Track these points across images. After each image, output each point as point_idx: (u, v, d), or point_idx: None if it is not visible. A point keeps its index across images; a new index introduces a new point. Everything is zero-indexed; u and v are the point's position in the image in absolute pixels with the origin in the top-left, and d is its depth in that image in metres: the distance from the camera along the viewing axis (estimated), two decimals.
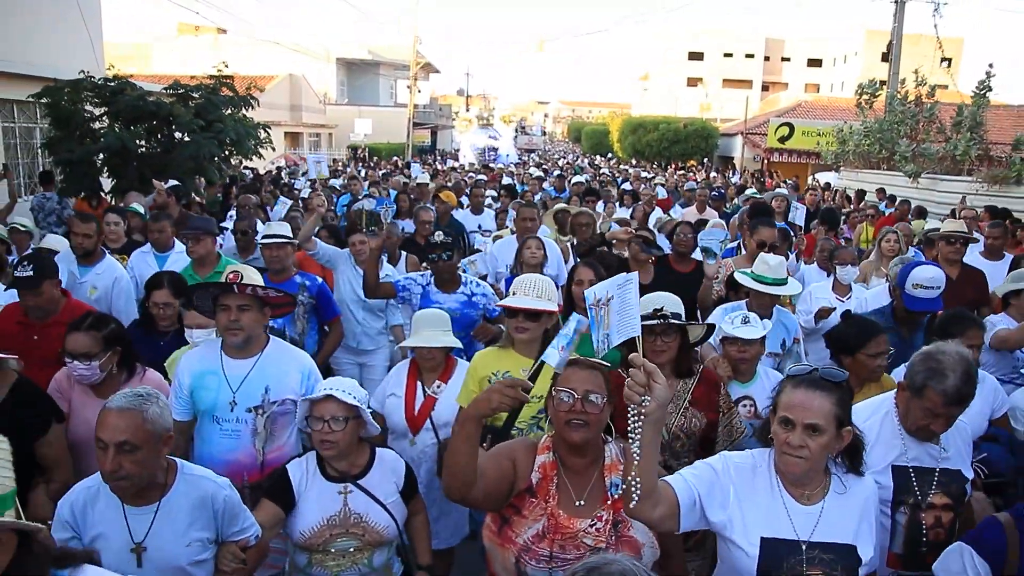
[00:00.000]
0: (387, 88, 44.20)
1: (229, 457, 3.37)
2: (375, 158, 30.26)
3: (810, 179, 23.12)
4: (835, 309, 5.01)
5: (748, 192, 12.79)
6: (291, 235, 5.21)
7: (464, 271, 5.12)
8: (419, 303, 4.68)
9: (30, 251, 5.72)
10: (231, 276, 3.43)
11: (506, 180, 15.05)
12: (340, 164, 25.25)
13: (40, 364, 3.66)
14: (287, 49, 34.25)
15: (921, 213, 11.63)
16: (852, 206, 13.88)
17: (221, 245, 6.30)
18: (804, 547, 2.21)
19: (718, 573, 2.42)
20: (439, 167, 24.00)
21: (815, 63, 58.90)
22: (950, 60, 58.80)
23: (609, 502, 2.39)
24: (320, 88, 37.36)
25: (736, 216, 8.67)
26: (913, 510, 2.71)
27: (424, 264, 5.48)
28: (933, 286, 4.25)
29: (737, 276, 4.55)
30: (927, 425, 2.67)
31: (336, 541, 2.83)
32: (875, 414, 2.79)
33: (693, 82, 59.61)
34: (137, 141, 10.15)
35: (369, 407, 3.02)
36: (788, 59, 60.21)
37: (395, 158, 30.26)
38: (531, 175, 17.12)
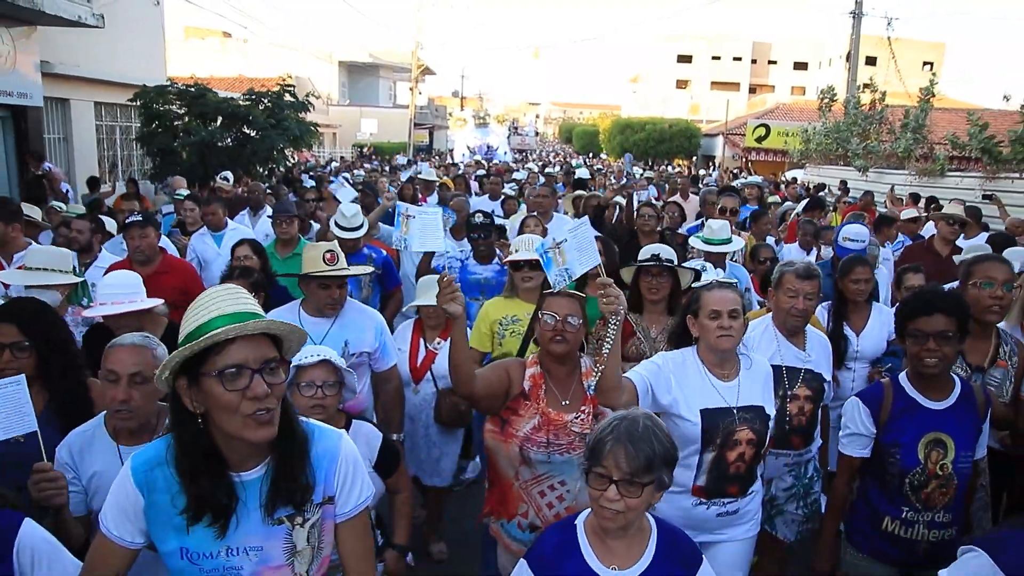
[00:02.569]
0: (386, 90, 46.68)
1: None
2: (386, 156, 32.78)
3: (782, 176, 25.90)
4: None
5: (739, 181, 15.33)
6: (362, 224, 5.68)
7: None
8: (459, 275, 5.24)
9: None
10: (329, 256, 3.72)
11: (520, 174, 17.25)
12: (347, 162, 27.85)
13: None
14: (292, 52, 36.77)
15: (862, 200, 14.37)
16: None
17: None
18: (735, 411, 2.86)
19: None
20: (447, 163, 26.37)
21: (801, 66, 60.12)
22: (932, 63, 61.49)
23: (587, 400, 2.90)
24: (323, 90, 39.80)
25: (700, 195, 9.65)
26: (782, 400, 3.27)
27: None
28: (858, 239, 5.35)
29: (691, 241, 5.41)
30: (790, 308, 3.41)
31: None
32: (759, 326, 3.56)
33: (682, 84, 61.00)
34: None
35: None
36: (775, 62, 61.62)
37: (396, 156, 32.85)
38: (531, 169, 19.78)
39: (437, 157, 36.06)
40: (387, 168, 21.51)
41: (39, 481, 2.24)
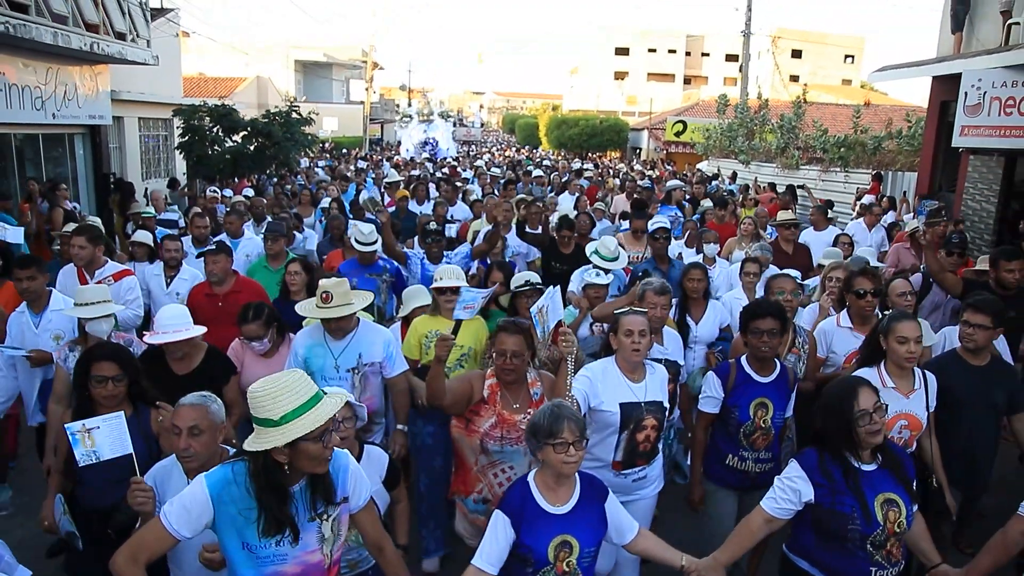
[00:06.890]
0: (340, 87, 50.62)
1: None
2: (344, 150, 36.82)
3: (695, 167, 31.08)
4: None
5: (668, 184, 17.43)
6: (377, 240, 6.46)
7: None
8: (419, 271, 6.68)
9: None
10: (324, 297, 4.36)
11: (467, 173, 20.03)
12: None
13: (227, 323, 4.93)
14: (250, 52, 40.60)
15: (745, 189, 19.34)
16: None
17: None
18: (643, 405, 3.76)
19: (591, 431, 3.66)
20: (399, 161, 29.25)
21: (732, 58, 62.10)
22: (853, 56, 66.89)
23: (533, 404, 3.79)
24: (282, 88, 43.45)
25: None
26: None
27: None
28: (664, 224, 6.62)
29: (588, 253, 6.18)
30: (651, 316, 4.13)
31: None
32: None
33: (620, 76, 65.02)
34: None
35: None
36: (708, 54, 66.24)
37: (353, 151, 36.88)
38: (479, 167, 23.23)
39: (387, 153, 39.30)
40: (351, 168, 22.61)
41: (135, 492, 2.82)
